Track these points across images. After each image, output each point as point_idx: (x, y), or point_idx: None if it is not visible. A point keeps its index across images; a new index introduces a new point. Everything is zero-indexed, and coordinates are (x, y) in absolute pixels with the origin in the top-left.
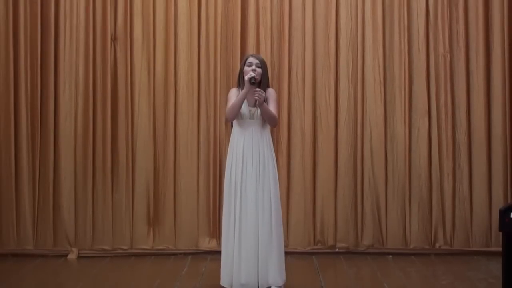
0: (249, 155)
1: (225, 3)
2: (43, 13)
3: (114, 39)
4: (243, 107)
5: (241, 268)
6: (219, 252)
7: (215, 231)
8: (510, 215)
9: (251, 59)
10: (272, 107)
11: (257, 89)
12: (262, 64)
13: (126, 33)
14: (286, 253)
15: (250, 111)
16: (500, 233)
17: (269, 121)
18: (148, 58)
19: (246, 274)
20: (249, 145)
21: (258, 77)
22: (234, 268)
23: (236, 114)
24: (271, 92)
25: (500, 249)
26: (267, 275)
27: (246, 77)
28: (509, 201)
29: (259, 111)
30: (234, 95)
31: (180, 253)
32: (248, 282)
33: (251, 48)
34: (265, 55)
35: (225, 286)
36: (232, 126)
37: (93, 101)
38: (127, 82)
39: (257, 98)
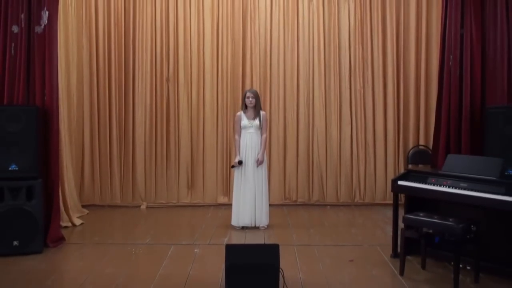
0: (249, 150)
1: (232, 60)
2: (126, 64)
3: (167, 80)
4: (244, 120)
5: (245, 214)
6: (229, 205)
7: (227, 192)
8: (397, 182)
9: (248, 94)
10: (264, 126)
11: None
12: (256, 96)
13: (174, 77)
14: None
15: (249, 122)
16: (392, 193)
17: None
18: (187, 93)
19: (247, 217)
20: (250, 143)
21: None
22: (240, 214)
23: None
24: (264, 115)
25: (391, 202)
26: (259, 218)
27: (236, 161)
28: (397, 175)
29: (255, 122)
30: (238, 120)
31: (206, 205)
32: (249, 222)
33: (247, 86)
34: (256, 90)
35: (234, 224)
36: None
37: (155, 118)
38: (175, 107)
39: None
